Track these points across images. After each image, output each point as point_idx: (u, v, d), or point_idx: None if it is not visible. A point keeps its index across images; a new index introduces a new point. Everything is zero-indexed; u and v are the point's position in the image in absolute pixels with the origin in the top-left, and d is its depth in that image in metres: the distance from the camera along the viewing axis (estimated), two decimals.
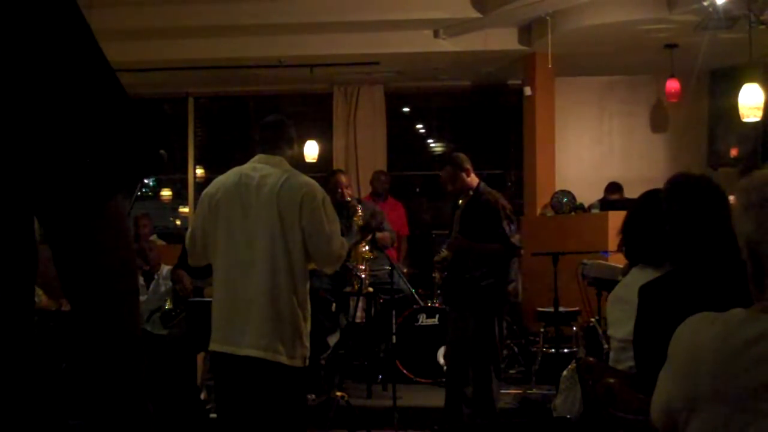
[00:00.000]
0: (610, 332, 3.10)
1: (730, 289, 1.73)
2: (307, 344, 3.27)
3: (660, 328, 1.68)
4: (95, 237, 1.93)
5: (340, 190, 5.93)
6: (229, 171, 3.43)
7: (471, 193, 4.77)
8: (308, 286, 3.34)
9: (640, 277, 2.91)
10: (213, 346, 3.30)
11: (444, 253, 4.90)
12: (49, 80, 1.83)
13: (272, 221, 3.22)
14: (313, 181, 3.37)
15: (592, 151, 8.87)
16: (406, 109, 9.68)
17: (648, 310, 2.52)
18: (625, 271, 3.32)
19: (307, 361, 3.28)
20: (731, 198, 1.84)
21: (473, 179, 4.81)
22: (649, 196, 3.13)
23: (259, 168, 3.34)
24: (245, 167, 3.39)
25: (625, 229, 3.11)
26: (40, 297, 5.56)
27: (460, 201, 4.82)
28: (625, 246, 3.11)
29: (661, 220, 2.89)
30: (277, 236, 3.21)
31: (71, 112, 1.85)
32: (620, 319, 2.98)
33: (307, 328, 3.27)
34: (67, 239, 1.94)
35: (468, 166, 4.79)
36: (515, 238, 4.68)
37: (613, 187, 7.79)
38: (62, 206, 1.90)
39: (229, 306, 3.25)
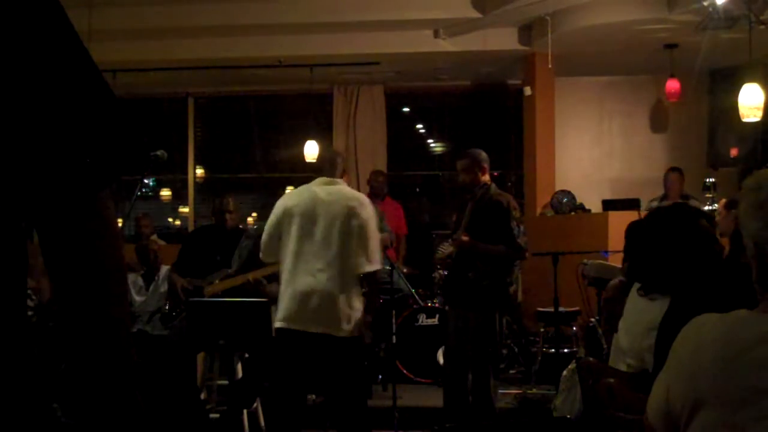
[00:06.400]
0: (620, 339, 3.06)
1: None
2: (358, 318, 3.98)
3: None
4: (82, 235, 1.93)
5: None
6: (300, 188, 4.14)
7: (482, 191, 4.76)
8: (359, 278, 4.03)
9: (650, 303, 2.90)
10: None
11: (448, 249, 4.87)
12: (33, 80, 1.82)
13: (335, 233, 3.90)
14: (364, 198, 4.10)
15: (592, 151, 8.87)
16: (406, 109, 9.67)
17: (679, 310, 2.47)
18: (625, 271, 3.30)
19: (358, 331, 3.97)
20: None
21: (487, 178, 4.81)
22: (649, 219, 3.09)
23: (325, 188, 4.02)
24: (314, 188, 4.03)
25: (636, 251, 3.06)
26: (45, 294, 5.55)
27: (472, 196, 4.79)
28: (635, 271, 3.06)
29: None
30: (336, 243, 3.91)
31: (56, 110, 1.84)
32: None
33: (358, 310, 3.98)
34: (55, 237, 1.94)
35: (485, 164, 4.80)
36: (522, 240, 4.67)
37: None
38: (48, 204, 1.90)
39: (295, 295, 3.92)
